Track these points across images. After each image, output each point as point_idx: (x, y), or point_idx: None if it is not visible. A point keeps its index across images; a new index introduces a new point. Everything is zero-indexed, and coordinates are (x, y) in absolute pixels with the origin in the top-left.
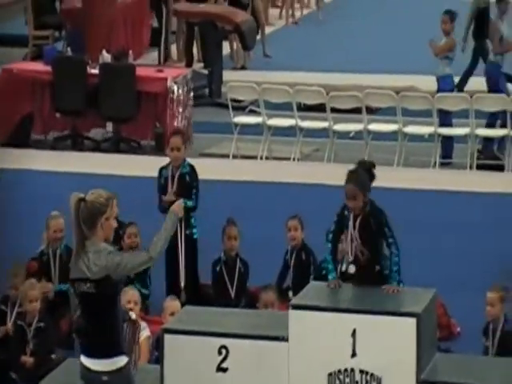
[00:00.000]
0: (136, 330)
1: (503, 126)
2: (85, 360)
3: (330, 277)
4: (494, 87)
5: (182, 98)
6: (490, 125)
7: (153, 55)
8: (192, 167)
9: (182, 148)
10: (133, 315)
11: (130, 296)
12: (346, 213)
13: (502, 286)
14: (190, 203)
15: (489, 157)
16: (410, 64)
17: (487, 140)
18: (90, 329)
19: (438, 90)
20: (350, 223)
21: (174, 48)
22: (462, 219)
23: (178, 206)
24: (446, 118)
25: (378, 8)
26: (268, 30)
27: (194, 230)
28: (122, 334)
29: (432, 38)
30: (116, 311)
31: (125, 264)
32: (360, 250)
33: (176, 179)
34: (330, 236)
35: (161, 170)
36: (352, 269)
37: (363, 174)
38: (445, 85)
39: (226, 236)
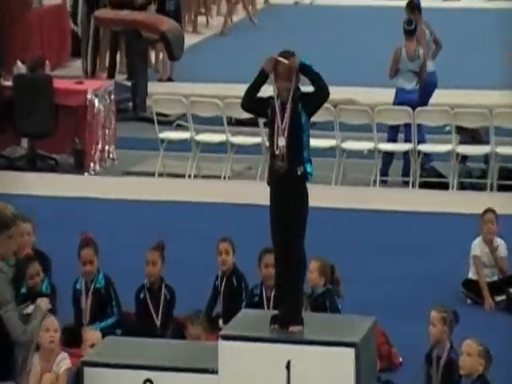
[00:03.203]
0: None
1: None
2: None
3: None
4: None
5: (103, 111)
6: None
7: (76, 65)
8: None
9: (95, 260)
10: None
11: (49, 324)
12: (271, 101)
13: (446, 308)
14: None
15: (431, 174)
16: (348, 75)
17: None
18: None
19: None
20: (277, 113)
21: None
22: (404, 240)
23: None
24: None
25: (314, 18)
26: (196, 38)
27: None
28: None
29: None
30: None
31: (6, 317)
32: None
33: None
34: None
35: (74, 283)
36: (281, 141)
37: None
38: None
39: (149, 261)
